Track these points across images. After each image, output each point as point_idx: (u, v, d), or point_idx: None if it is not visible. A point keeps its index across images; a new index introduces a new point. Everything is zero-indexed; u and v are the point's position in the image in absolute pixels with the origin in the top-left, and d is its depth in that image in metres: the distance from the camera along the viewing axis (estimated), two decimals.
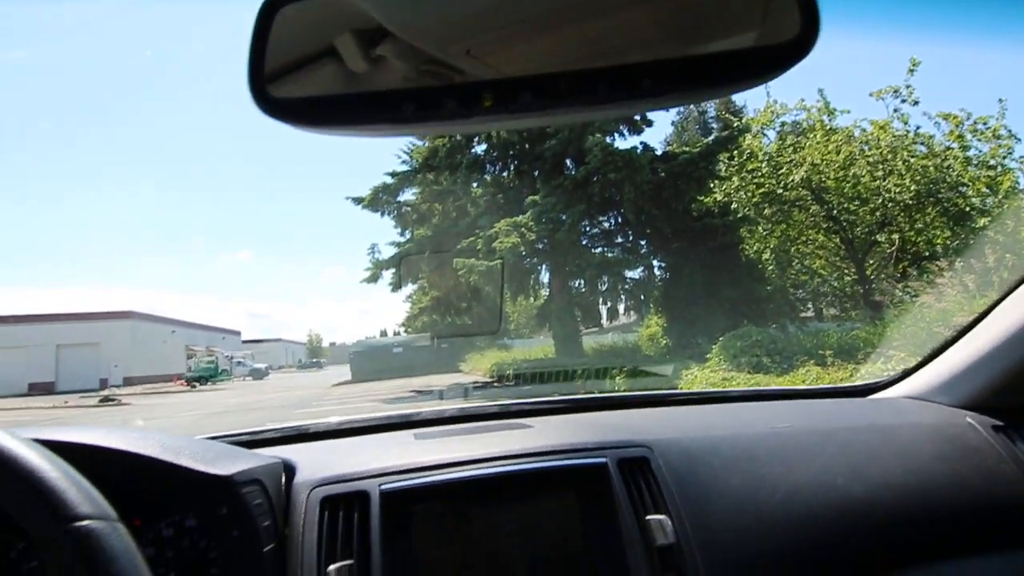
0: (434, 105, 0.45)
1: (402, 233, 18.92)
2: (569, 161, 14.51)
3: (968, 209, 8.53)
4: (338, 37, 0.45)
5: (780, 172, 9.74)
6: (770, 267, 11.86)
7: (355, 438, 1.05)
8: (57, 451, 0.46)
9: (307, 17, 0.47)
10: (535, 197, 13.81)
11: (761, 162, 10.06)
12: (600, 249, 15.39)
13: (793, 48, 0.43)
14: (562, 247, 13.57)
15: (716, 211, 11.91)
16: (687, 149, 13.85)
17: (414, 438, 0.99)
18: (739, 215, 11.20)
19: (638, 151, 14.10)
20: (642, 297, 15.92)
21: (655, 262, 15.51)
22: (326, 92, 0.47)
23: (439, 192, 16.97)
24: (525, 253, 14.03)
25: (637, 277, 15.62)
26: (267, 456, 0.85)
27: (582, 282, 15.65)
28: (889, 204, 8.86)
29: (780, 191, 9.79)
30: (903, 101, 8.90)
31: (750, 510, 0.90)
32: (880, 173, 8.88)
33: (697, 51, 0.47)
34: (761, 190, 10.12)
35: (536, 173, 14.67)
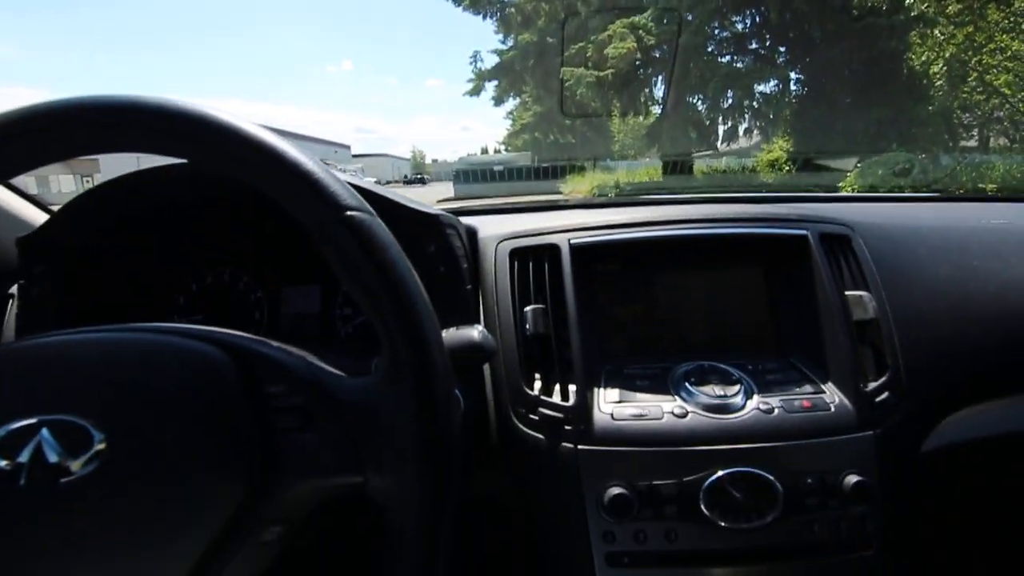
0: None
1: (505, 39, 17.60)
2: None
3: None
4: None
5: None
6: (938, 82, 9.94)
7: (529, 214, 1.04)
8: None
9: None
10: None
11: None
12: (728, 57, 13.49)
13: None
14: (684, 54, 12.04)
15: (884, 8, 9.79)
16: None
17: (595, 208, 0.95)
18: (913, 14, 9.16)
19: None
20: (771, 116, 14.19)
21: (792, 74, 13.46)
22: None
23: None
24: (640, 61, 12.66)
25: (768, 92, 13.74)
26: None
27: (701, 97, 14.13)
28: None
29: None
30: None
31: (957, 299, 0.83)
32: None
33: None
34: None
35: None
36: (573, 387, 0.73)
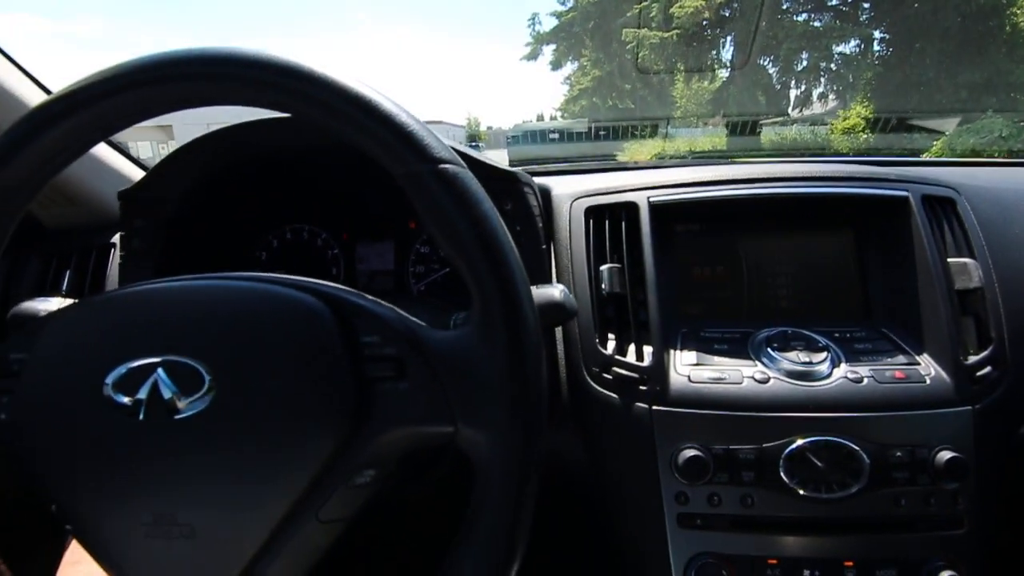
0: None
1: (564, 0, 17.05)
2: None
3: None
4: None
5: None
6: None
7: (598, 174, 1.01)
8: None
9: None
10: None
11: None
12: (805, 16, 12.57)
13: None
14: (759, 11, 11.31)
15: None
16: None
17: (668, 168, 0.92)
18: None
19: None
20: (849, 79, 13.20)
21: (876, 33, 12.40)
22: None
23: None
24: (707, 21, 12.00)
25: (848, 52, 12.77)
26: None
27: (773, 59, 13.28)
28: None
29: None
30: None
31: None
32: None
33: None
34: None
35: None
36: (649, 348, 0.72)
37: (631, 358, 0.72)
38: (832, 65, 12.96)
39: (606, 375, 0.72)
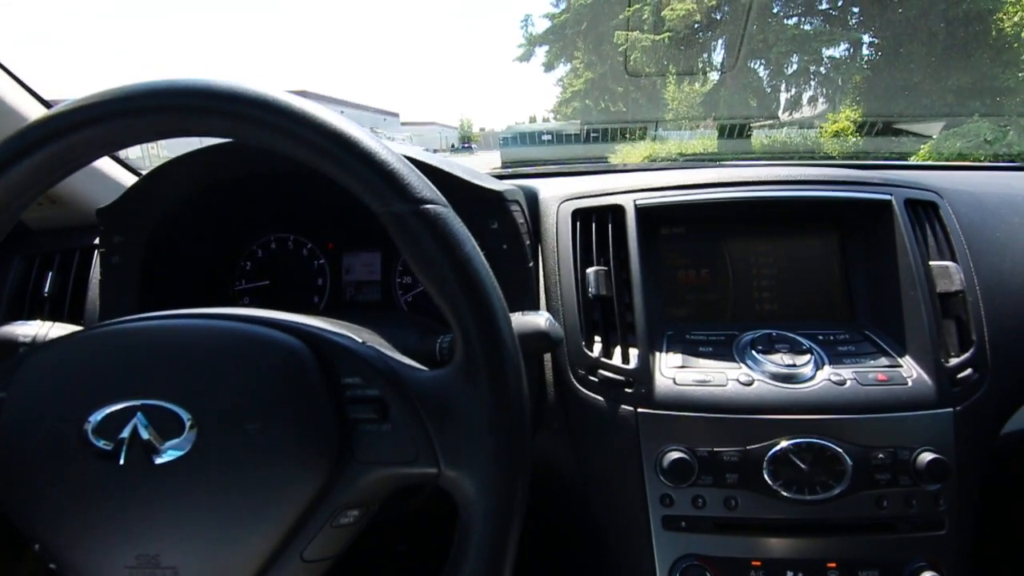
0: None
1: (557, 2, 17.10)
2: None
3: None
4: None
5: None
6: None
7: (587, 177, 1.01)
8: None
9: None
10: None
11: None
12: (796, 19, 12.69)
13: None
14: (746, 15, 11.41)
15: None
16: None
17: (656, 171, 0.92)
18: None
19: None
20: (839, 82, 13.34)
21: (865, 37, 12.55)
22: None
23: None
24: (699, 24, 12.08)
25: (837, 56, 12.91)
26: (509, 183, 0.84)
27: (763, 62, 13.39)
28: None
29: None
30: None
31: None
32: None
33: None
34: None
35: None
36: (635, 350, 0.72)
37: (617, 360, 0.72)
38: (821, 68, 13.10)
39: (592, 377, 0.72)
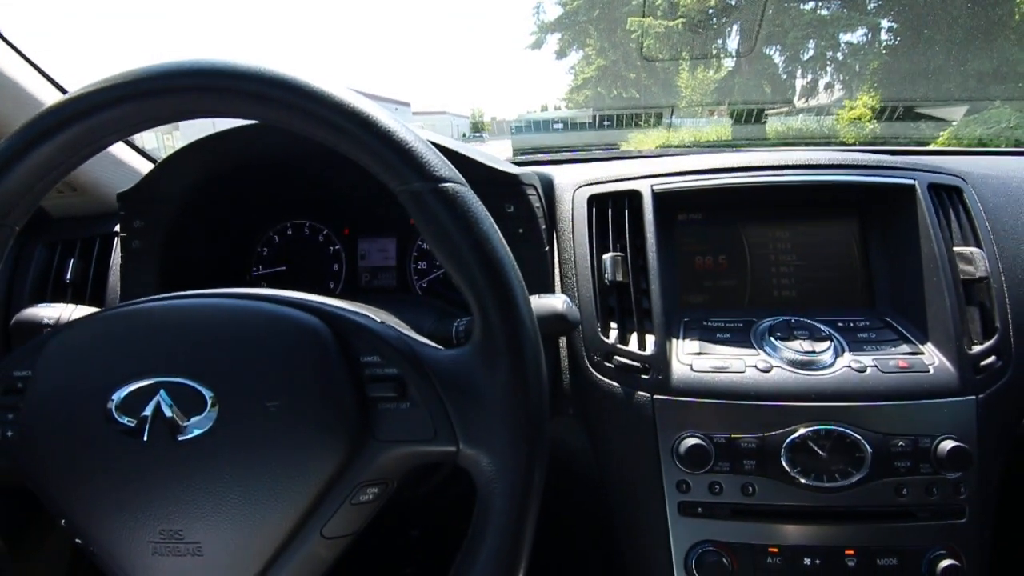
0: None
1: None
2: None
3: None
4: None
5: None
6: None
7: (601, 163, 1.00)
8: None
9: None
10: None
11: None
12: (813, 3, 12.44)
13: None
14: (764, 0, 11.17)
15: None
16: None
17: (672, 157, 0.91)
18: None
19: None
20: (856, 68, 13.08)
21: (884, 21, 12.29)
22: None
23: None
24: (713, 9, 11.89)
25: (855, 42, 12.66)
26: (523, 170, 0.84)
27: (779, 48, 13.16)
28: None
29: None
30: None
31: None
32: None
33: None
34: None
35: None
36: (651, 337, 0.72)
37: (633, 347, 0.72)
38: (839, 54, 12.85)
39: (608, 363, 0.72)
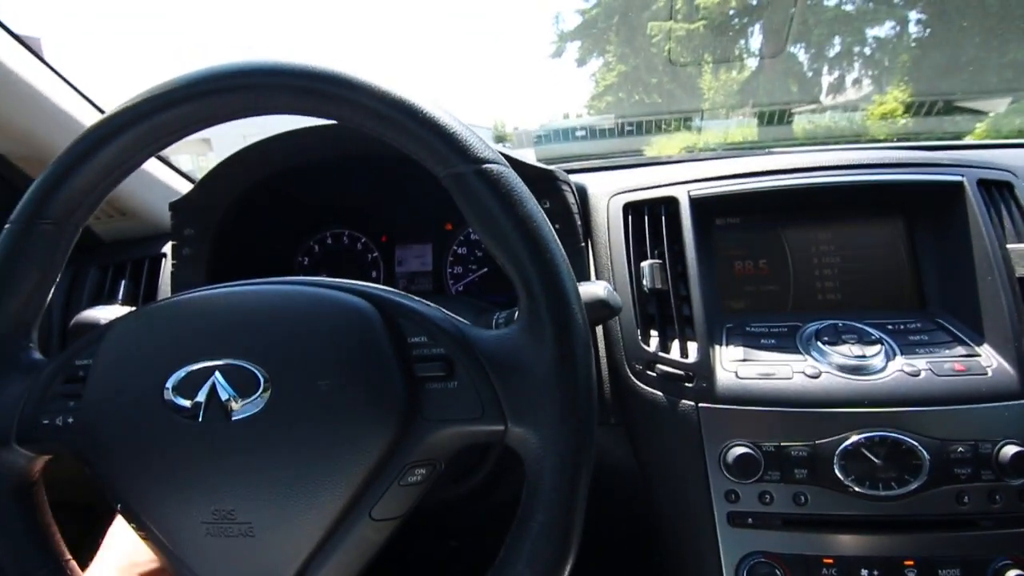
0: None
1: None
2: None
3: None
4: None
5: None
6: None
7: (630, 170, 1.00)
8: None
9: None
10: None
11: None
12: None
13: None
14: None
15: None
16: None
17: (705, 160, 0.90)
18: None
19: None
20: (885, 63, 12.77)
21: (912, 13, 11.99)
22: None
23: None
24: (735, 10, 11.77)
25: (883, 36, 12.37)
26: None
27: (804, 46, 12.93)
28: None
29: None
30: None
31: None
32: None
33: None
34: None
35: None
36: (693, 344, 0.71)
37: (675, 355, 0.71)
38: (866, 49, 12.56)
39: (650, 372, 0.72)
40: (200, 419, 0.43)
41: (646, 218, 0.79)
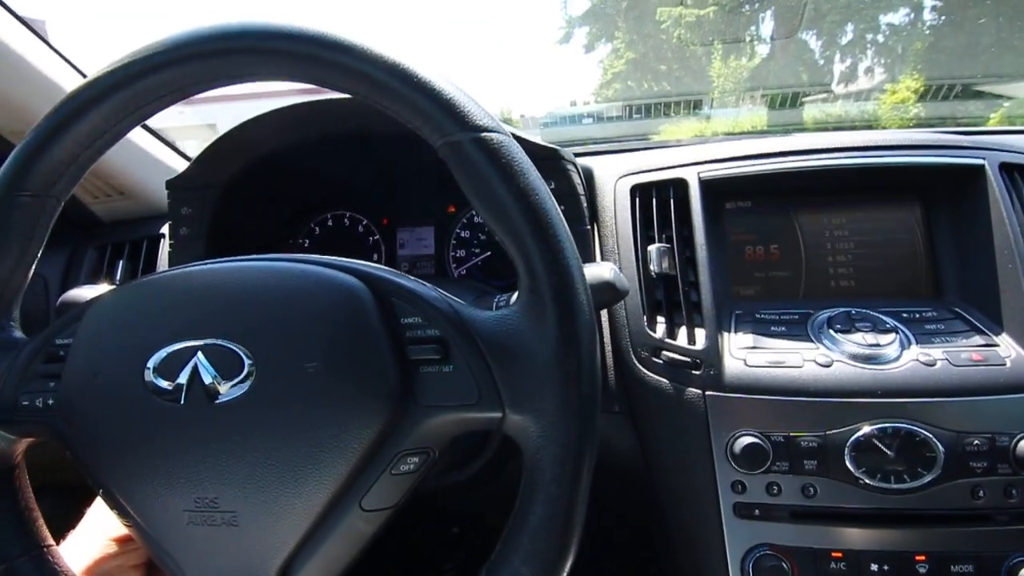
0: None
1: None
2: None
3: None
4: None
5: None
6: None
7: (640, 153, 0.97)
8: None
9: None
10: None
11: None
12: None
13: None
14: None
15: None
16: None
17: (717, 142, 0.88)
18: None
19: None
20: (898, 50, 12.53)
21: (927, 0, 11.75)
22: None
23: None
24: None
25: (896, 23, 12.15)
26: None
27: (815, 32, 12.70)
28: None
29: None
30: None
31: None
32: None
33: None
34: None
35: None
36: (701, 331, 0.69)
37: (682, 341, 0.69)
38: (879, 36, 12.33)
39: (656, 359, 0.70)
40: (182, 402, 0.41)
41: (654, 201, 0.77)
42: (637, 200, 0.78)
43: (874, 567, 0.62)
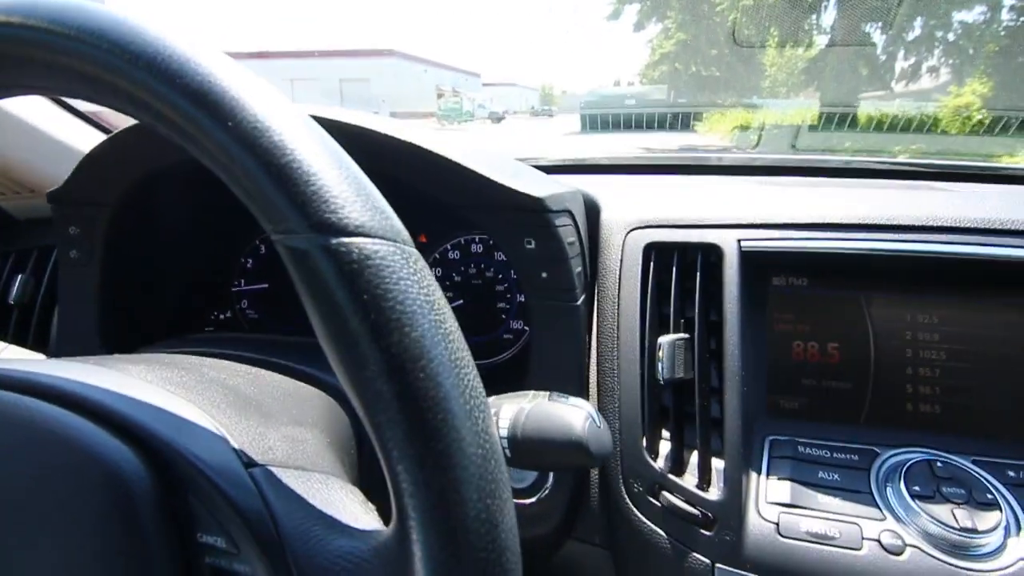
0: None
1: None
2: None
3: None
4: None
5: None
6: None
7: (666, 176, 0.77)
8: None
9: None
10: None
11: None
12: None
13: None
14: None
15: None
16: None
17: (759, 186, 0.67)
18: None
19: None
20: (969, 51, 11.67)
21: None
22: None
23: None
24: None
25: (969, 21, 11.28)
26: (566, 183, 0.63)
27: (880, 27, 11.92)
28: None
29: None
30: None
31: None
32: None
33: None
34: None
35: None
36: (719, 464, 0.50)
37: (691, 479, 0.50)
38: (950, 35, 11.48)
39: (653, 499, 0.51)
40: None
41: (674, 269, 0.57)
42: (652, 264, 0.58)
43: None
